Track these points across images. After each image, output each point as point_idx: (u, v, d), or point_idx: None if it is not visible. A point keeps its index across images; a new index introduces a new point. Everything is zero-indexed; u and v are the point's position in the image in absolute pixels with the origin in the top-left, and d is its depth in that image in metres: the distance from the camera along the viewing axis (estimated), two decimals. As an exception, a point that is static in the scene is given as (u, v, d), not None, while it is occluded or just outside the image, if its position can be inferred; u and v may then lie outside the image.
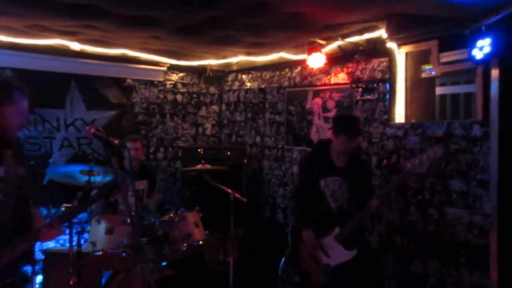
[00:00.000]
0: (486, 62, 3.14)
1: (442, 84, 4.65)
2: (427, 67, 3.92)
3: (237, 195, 3.96)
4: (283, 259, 3.94)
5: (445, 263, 3.52)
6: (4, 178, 1.99)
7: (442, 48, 3.56)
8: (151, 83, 5.73)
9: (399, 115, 4.01)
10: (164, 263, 3.67)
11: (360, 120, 3.30)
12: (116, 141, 1.66)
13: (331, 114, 4.69)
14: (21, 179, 2.08)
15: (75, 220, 2.78)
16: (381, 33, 3.80)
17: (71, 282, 2.62)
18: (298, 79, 5.19)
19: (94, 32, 4.02)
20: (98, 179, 3.45)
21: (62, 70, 4.88)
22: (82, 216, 3.84)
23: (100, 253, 3.22)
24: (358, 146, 3.41)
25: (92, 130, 1.71)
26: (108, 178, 3.39)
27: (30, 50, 4.51)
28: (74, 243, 2.77)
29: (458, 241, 3.43)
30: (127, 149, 2.82)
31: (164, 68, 5.73)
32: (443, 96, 4.78)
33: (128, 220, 3.32)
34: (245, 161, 5.35)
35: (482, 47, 3.00)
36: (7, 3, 3.14)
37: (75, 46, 4.59)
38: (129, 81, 5.53)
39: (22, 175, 2.08)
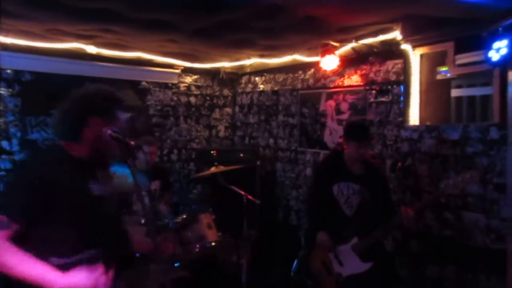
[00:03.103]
0: (503, 64, 3.09)
1: (458, 86, 4.60)
2: (442, 68, 3.88)
3: (250, 197, 3.96)
4: (295, 262, 3.92)
5: (462, 268, 3.47)
6: (99, 196, 1.84)
7: (458, 50, 3.52)
8: (165, 86, 5.78)
9: (414, 117, 3.97)
10: (177, 264, 3.69)
11: (368, 127, 3.25)
12: (132, 143, 1.68)
13: (345, 116, 4.67)
14: (116, 195, 1.96)
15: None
16: (396, 34, 3.78)
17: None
18: (311, 81, 5.18)
19: (111, 35, 4.08)
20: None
21: (78, 73, 4.95)
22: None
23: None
24: (372, 155, 3.37)
25: (109, 131, 1.73)
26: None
27: (47, 54, 4.60)
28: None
29: (475, 246, 3.38)
30: (142, 151, 2.85)
31: (178, 71, 5.78)
32: (459, 99, 4.73)
33: (143, 221, 3.35)
34: (258, 163, 5.35)
35: (499, 49, 2.95)
36: (27, 8, 3.21)
37: (92, 49, 4.66)
38: (144, 83, 5.59)
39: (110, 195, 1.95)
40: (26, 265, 1.57)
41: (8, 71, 4.56)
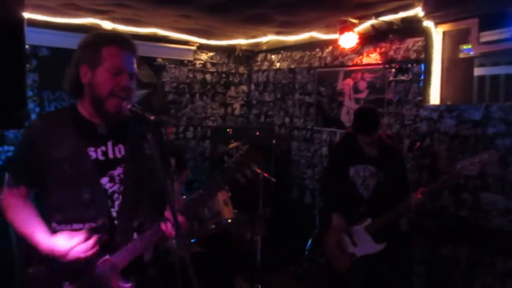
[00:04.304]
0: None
1: (481, 65, 4.47)
2: (465, 47, 3.77)
3: (265, 174, 3.96)
4: (310, 240, 3.94)
5: (478, 249, 3.45)
6: (121, 159, 1.71)
7: (483, 27, 3.41)
8: (181, 63, 5.75)
9: (434, 97, 3.89)
10: (193, 240, 3.74)
11: (375, 115, 3.03)
12: (152, 117, 1.64)
13: (363, 95, 4.60)
14: (147, 159, 1.74)
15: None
16: (417, 11, 3.67)
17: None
18: (329, 59, 5.10)
19: (126, 10, 4.04)
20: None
21: (94, 49, 4.95)
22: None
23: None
24: (388, 135, 3.30)
25: (129, 106, 1.69)
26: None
27: (64, 29, 4.57)
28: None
29: (492, 227, 3.34)
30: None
31: (193, 48, 5.73)
32: (481, 78, 4.60)
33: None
34: (274, 141, 5.34)
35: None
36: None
37: (107, 25, 4.63)
38: (159, 60, 5.56)
39: (147, 153, 1.75)
40: (24, 222, 1.63)
41: (26, 46, 4.56)
